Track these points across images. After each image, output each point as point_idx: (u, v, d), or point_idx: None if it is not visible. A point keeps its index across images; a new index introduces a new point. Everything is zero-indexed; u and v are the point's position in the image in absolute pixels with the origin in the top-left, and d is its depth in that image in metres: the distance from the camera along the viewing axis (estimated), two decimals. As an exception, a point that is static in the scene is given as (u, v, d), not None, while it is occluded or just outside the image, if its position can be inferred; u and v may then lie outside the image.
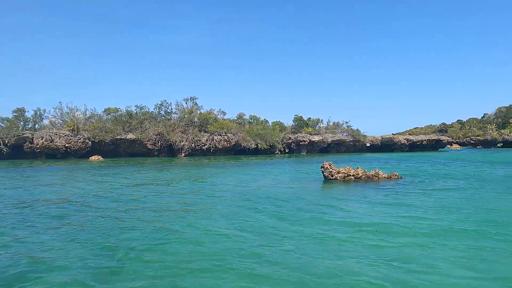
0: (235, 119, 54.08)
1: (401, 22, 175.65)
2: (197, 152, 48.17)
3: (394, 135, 57.63)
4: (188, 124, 49.18)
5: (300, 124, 55.54)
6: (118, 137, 45.68)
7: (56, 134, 42.42)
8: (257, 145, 50.20)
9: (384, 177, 18.50)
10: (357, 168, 18.64)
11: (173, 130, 47.59)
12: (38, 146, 41.69)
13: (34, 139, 42.12)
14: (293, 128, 56.25)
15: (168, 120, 49.98)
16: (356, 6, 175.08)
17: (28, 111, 47.87)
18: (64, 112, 46.70)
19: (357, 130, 56.14)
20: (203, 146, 47.73)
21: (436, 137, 61.94)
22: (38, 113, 47.97)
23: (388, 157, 42.13)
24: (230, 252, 6.77)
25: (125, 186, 16.92)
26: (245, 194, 13.99)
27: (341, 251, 6.84)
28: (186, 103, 51.35)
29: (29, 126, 47.50)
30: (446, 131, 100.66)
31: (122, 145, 46.97)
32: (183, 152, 47.29)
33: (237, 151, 50.44)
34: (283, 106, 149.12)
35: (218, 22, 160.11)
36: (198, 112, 50.80)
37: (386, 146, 58.36)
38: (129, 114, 49.32)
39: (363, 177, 18.26)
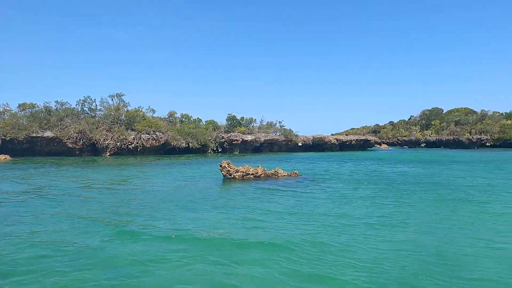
0: (166, 118, 52.57)
1: (339, 23, 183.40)
2: (124, 151, 46.10)
3: (325, 136, 59.47)
4: (114, 122, 46.87)
5: (233, 124, 55.39)
6: (34, 135, 42.34)
7: (-42, 131, 38.31)
8: (188, 144, 49.21)
9: (284, 175, 18.69)
10: (258, 167, 18.64)
11: (97, 128, 45.06)
12: None
13: None
14: (226, 127, 55.94)
15: (92, 118, 47.25)
16: (287, 4, 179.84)
17: None
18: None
19: (290, 130, 57.19)
20: (130, 145, 45.76)
21: (364, 138, 65.07)
22: None
23: (314, 156, 43.31)
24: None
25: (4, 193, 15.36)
26: (117, 194, 13.25)
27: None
28: (112, 100, 48.95)
29: None
30: (379, 132, 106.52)
31: (39, 144, 43.61)
32: (108, 151, 45.01)
33: (167, 151, 49.04)
34: (219, 105, 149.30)
35: (150, 17, 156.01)
36: (125, 110, 48.61)
37: (318, 146, 60.08)
38: (48, 110, 45.89)
39: (262, 176, 18.29)
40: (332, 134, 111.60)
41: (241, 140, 53.39)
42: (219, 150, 54.35)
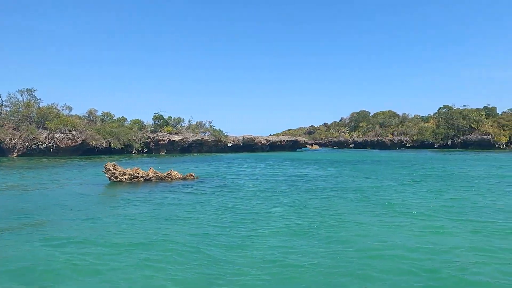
0: (85, 116, 49.37)
1: (268, 25, 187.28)
2: (35, 152, 42.40)
3: (255, 136, 59.84)
4: (23, 120, 42.95)
5: (160, 123, 53.64)
6: None
7: None
8: (110, 145, 46.65)
9: (179, 178, 18.04)
10: (150, 169, 17.78)
11: (2, 126, 40.99)
12: None
13: None
14: (153, 127, 54.00)
15: (-4, 114, 42.94)
16: (224, 4, 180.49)
17: None
18: None
19: (219, 130, 56.67)
20: (41, 145, 42.21)
21: (294, 138, 66.56)
22: None
23: (240, 157, 43.24)
24: None
25: None
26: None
27: None
28: (22, 96, 44.83)
29: None
30: (314, 133, 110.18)
31: None
32: (15, 152, 41.13)
33: (86, 151, 46.03)
34: (145, 104, 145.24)
35: (69, 11, 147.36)
36: (37, 106, 44.78)
37: (248, 146, 60.30)
38: None
39: (154, 179, 17.47)
40: (272, 135, 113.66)
41: (168, 140, 51.85)
42: (145, 151, 52.28)
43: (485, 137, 70.89)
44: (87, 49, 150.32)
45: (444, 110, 79.44)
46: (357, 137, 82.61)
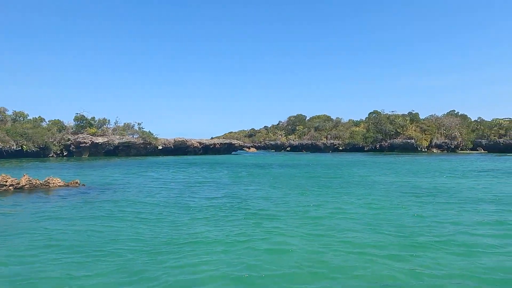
0: (-8, 116, 45.04)
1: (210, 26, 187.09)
2: None
3: (187, 139, 58.48)
4: None
5: (83, 124, 50.37)
6: None
7: None
8: (22, 147, 42.85)
9: (59, 186, 16.54)
10: (24, 176, 16.09)
11: None
12: None
13: None
14: (75, 129, 50.59)
15: None
16: (157, 6, 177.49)
17: None
18: None
19: (149, 132, 54.58)
20: None
21: (228, 141, 66.12)
22: None
23: (167, 161, 41.82)
24: None
25: None
26: None
27: None
28: None
29: None
30: (254, 135, 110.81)
31: None
32: None
33: (-8, 154, 41.86)
34: (68, 104, 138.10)
35: None
36: None
37: (180, 149, 58.78)
38: None
39: (27, 187, 15.82)
40: (213, 137, 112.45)
41: (91, 143, 48.83)
42: (65, 154, 48.82)
43: (409, 141, 75.63)
44: None
45: (374, 115, 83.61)
46: (293, 140, 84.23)
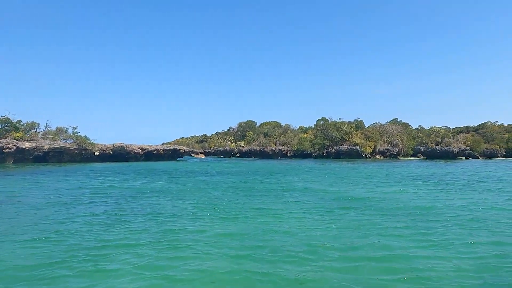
0: None
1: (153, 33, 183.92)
2: None
3: (128, 144, 55.64)
4: None
5: (7, 128, 46.13)
6: None
7: None
8: None
9: None
10: None
11: None
12: None
13: None
14: (-3, 132, 46.24)
15: None
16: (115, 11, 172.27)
17: None
18: None
19: (84, 137, 51.19)
20: None
21: (173, 147, 63.97)
22: None
23: (98, 168, 39.15)
24: None
25: None
26: None
27: None
28: None
29: None
30: (206, 141, 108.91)
31: None
32: None
33: None
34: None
35: None
36: None
37: (120, 155, 55.81)
38: None
39: None
40: (165, 143, 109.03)
41: (16, 148, 44.76)
42: (-16, 160, 44.38)
43: (354, 148, 77.65)
44: None
45: (322, 122, 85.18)
46: (243, 147, 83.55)
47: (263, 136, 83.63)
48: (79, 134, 51.56)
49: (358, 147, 77.61)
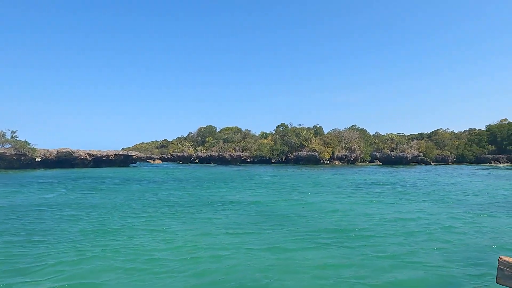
0: None
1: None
2: None
3: (74, 150, 52.41)
4: None
5: None
6: None
7: None
8: None
9: None
10: None
11: None
12: None
13: None
14: None
15: None
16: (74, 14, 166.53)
17: None
18: None
19: (24, 142, 47.62)
20: None
21: (125, 153, 61.14)
22: None
23: (33, 176, 36.30)
24: None
25: None
26: None
27: None
28: None
29: None
30: (167, 147, 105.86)
31: None
32: None
33: None
34: None
35: None
36: None
37: (65, 161, 52.50)
38: None
39: None
40: (123, 148, 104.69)
41: None
42: None
43: (313, 154, 78.00)
44: None
45: (281, 128, 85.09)
46: (202, 152, 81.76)
47: (223, 142, 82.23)
48: (18, 139, 47.94)
49: (317, 153, 78.01)
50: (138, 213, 13.72)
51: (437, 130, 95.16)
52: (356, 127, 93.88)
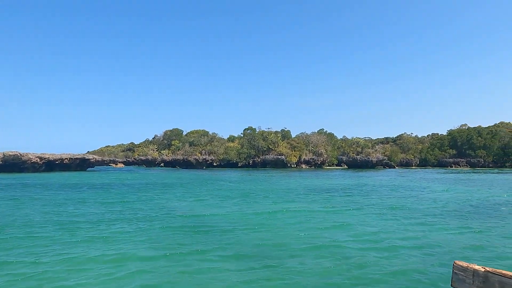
0: None
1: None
2: None
3: (23, 153, 49.28)
4: None
5: None
6: None
7: None
8: None
9: None
10: None
11: None
12: None
13: None
14: None
15: None
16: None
17: None
18: None
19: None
20: None
21: (81, 156, 58.30)
22: None
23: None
24: None
25: None
26: None
27: None
28: None
29: None
30: (133, 150, 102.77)
31: None
32: None
33: None
34: None
35: None
36: None
37: (14, 166, 49.32)
38: None
39: None
40: (89, 152, 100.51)
41: None
42: None
43: (280, 157, 77.55)
44: None
45: (249, 132, 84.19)
46: (166, 156, 79.60)
47: (189, 145, 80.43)
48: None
49: (284, 157, 77.62)
50: (37, 233, 12.18)
51: (402, 135, 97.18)
52: (324, 131, 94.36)
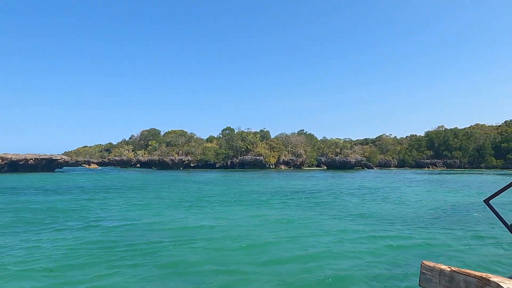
0: None
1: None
2: None
3: (-15, 153, 46.92)
4: None
5: None
6: None
7: None
8: None
9: None
10: None
11: None
12: None
13: None
14: None
15: None
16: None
17: None
18: None
19: None
20: None
21: (48, 157, 55.88)
22: None
23: None
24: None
25: None
26: None
27: None
28: None
29: None
30: (111, 150, 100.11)
31: None
32: None
33: None
34: None
35: None
36: None
37: (-26, 166, 46.84)
38: None
39: None
40: (67, 152, 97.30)
41: None
42: None
43: (258, 158, 76.54)
44: None
45: (227, 132, 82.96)
46: (142, 156, 77.62)
47: (165, 145, 78.61)
48: None
49: (262, 158, 76.67)
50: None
51: (381, 136, 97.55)
52: (304, 132, 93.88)
